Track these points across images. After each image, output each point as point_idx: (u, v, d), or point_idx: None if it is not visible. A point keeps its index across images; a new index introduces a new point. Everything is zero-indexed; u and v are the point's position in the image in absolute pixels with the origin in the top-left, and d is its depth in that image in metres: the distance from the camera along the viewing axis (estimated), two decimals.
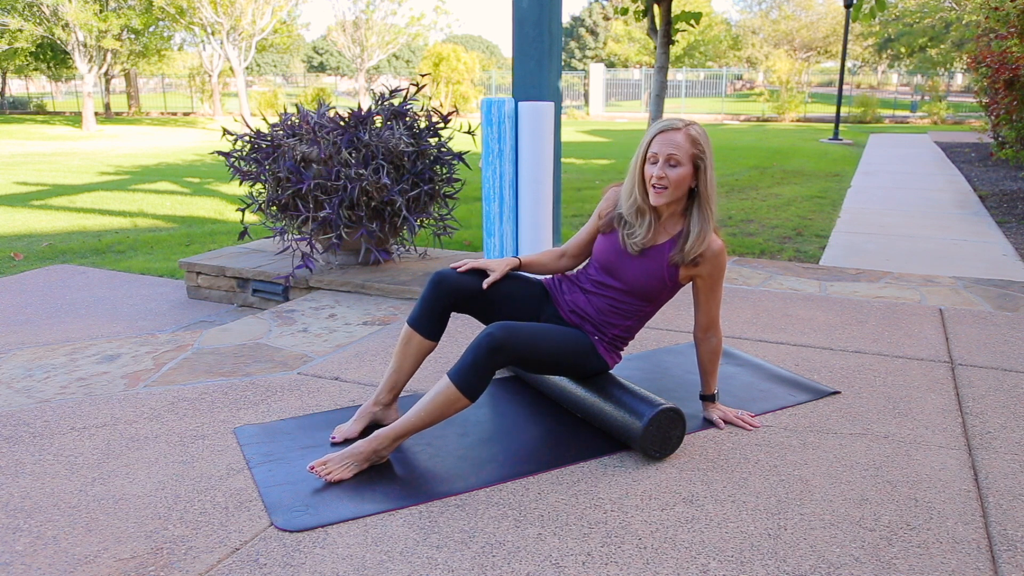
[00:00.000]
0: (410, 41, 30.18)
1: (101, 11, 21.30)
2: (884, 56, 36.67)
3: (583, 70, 36.03)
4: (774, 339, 3.14)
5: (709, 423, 2.34)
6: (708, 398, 2.37)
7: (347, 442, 2.21)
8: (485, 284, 2.19)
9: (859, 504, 1.90)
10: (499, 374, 2.71)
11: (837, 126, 15.93)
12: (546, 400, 2.50)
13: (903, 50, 32.78)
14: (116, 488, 1.97)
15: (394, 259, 4.33)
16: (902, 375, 2.74)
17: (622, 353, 2.33)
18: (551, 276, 2.38)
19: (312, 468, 1.98)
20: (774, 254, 5.04)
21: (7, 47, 21.62)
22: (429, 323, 2.20)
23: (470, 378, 1.94)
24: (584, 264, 2.35)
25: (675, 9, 6.35)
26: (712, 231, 2.13)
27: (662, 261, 2.15)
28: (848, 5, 14.10)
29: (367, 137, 3.77)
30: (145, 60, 25.53)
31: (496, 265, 2.24)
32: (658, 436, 2.09)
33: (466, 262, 2.23)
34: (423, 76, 4.86)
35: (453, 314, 2.97)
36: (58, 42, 21.44)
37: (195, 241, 5.87)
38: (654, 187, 2.07)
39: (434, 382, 2.68)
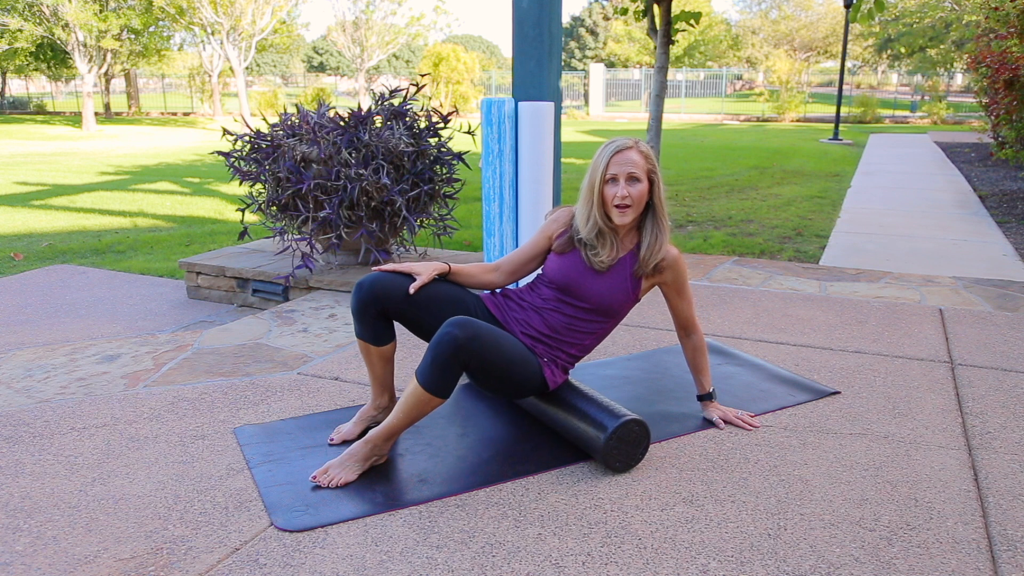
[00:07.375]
0: (410, 41, 30.18)
1: (101, 11, 21.30)
2: (884, 56, 36.65)
3: (583, 70, 36.02)
4: (774, 339, 3.14)
5: (709, 423, 2.34)
6: (705, 397, 2.38)
7: (346, 443, 2.21)
8: (412, 288, 2.09)
9: (859, 504, 1.90)
10: None
11: (837, 126, 15.93)
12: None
13: (903, 50, 32.75)
14: (116, 488, 1.97)
15: (394, 259, 4.33)
16: (902, 375, 2.74)
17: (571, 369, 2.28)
18: (489, 292, 2.32)
19: (314, 478, 1.99)
20: (774, 254, 5.04)
21: (7, 47, 21.62)
22: (368, 330, 2.15)
23: (434, 378, 1.90)
24: (530, 283, 2.29)
25: (675, 9, 6.34)
26: (668, 239, 2.17)
27: (625, 274, 2.17)
28: (848, 5, 14.10)
29: (367, 137, 3.77)
30: (145, 60, 25.54)
31: (422, 269, 2.15)
32: (621, 450, 2.04)
33: (390, 264, 2.17)
34: (423, 76, 4.86)
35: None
36: (58, 42, 21.45)
37: (195, 241, 5.87)
38: (617, 207, 2.08)
39: None
